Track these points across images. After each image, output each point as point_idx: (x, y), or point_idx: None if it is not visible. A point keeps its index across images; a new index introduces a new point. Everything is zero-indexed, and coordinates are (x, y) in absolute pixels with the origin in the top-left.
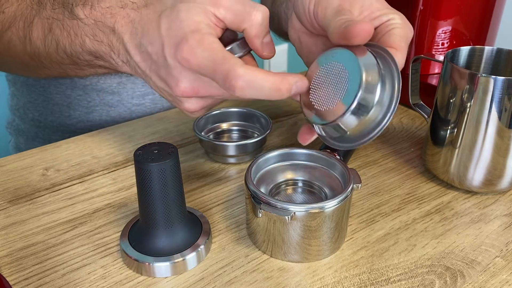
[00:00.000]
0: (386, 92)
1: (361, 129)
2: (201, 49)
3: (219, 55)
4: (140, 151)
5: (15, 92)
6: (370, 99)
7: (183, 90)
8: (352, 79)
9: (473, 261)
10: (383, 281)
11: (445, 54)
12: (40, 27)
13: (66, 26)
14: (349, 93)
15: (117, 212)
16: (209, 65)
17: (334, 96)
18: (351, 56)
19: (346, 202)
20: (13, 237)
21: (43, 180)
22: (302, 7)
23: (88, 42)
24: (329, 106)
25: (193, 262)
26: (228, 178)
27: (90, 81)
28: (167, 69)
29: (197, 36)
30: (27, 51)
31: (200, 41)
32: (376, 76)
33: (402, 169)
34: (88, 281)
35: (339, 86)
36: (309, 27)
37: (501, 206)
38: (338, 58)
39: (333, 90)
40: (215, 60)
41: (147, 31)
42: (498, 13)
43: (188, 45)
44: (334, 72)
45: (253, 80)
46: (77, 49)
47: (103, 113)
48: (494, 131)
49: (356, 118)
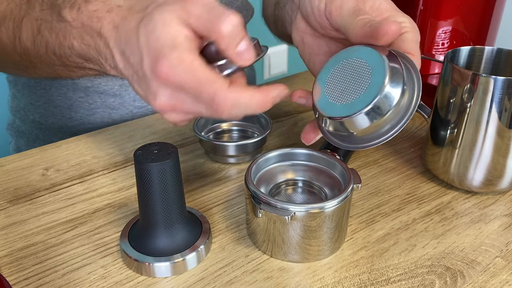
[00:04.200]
0: (406, 97)
1: (372, 131)
2: (182, 69)
3: (202, 76)
4: (140, 151)
5: (16, 94)
6: (391, 100)
7: (160, 105)
8: (375, 77)
9: (473, 261)
10: (383, 281)
11: (445, 54)
12: (30, 28)
13: (54, 28)
14: (370, 90)
15: (117, 212)
16: (194, 86)
17: (353, 92)
18: (375, 54)
19: (346, 202)
20: (13, 237)
21: (43, 180)
22: (311, 7)
23: (76, 45)
24: (347, 101)
25: (193, 262)
26: (228, 178)
27: (91, 83)
28: (146, 82)
29: (175, 54)
30: (17, 51)
31: (180, 60)
32: (400, 78)
33: (402, 169)
34: (88, 281)
35: (360, 83)
36: (317, 27)
37: (501, 206)
38: (361, 55)
39: (353, 86)
40: (199, 81)
41: (129, 40)
42: (498, 13)
43: (167, 62)
44: (355, 68)
45: (240, 101)
46: (66, 51)
47: (105, 115)
48: (494, 131)
49: (371, 117)
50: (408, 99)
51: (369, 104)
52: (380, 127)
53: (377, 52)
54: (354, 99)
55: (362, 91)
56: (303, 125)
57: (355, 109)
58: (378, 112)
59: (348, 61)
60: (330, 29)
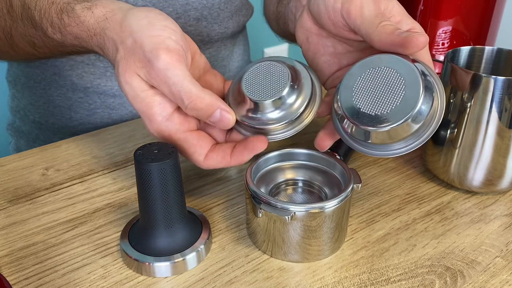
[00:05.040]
0: (435, 108)
1: (404, 138)
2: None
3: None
4: (140, 151)
5: (16, 94)
6: (424, 112)
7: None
8: (410, 89)
9: (473, 261)
10: (383, 281)
11: (445, 54)
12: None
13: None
14: (406, 103)
15: (117, 212)
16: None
17: (386, 102)
18: (407, 65)
19: (346, 202)
20: (13, 237)
21: (43, 180)
22: (324, 5)
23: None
24: (380, 111)
25: (193, 262)
26: (228, 178)
27: (91, 84)
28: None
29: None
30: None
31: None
32: (430, 91)
33: (402, 169)
34: (88, 281)
35: (393, 94)
36: (329, 26)
37: (501, 206)
38: (391, 64)
39: (386, 96)
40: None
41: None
42: (498, 13)
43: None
44: (386, 78)
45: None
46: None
47: (105, 115)
48: (494, 131)
49: (406, 126)
50: (438, 108)
51: (406, 118)
52: (409, 137)
53: (409, 63)
54: (388, 110)
55: (397, 103)
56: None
57: (391, 121)
58: (411, 124)
59: (377, 69)
60: (344, 29)
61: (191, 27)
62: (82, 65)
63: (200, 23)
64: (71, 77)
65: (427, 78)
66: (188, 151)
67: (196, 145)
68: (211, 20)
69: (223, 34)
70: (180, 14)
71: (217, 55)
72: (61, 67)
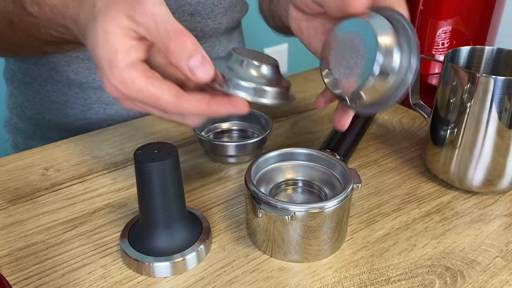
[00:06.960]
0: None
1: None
2: (125, 88)
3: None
4: (140, 151)
5: (13, 91)
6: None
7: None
8: (369, 43)
9: (473, 261)
10: (383, 281)
11: (445, 54)
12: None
13: (25, 21)
14: (370, 57)
15: (117, 212)
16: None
17: (357, 64)
18: (359, 21)
19: (346, 202)
20: (13, 237)
21: (43, 180)
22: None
23: (54, 34)
24: (354, 75)
25: (193, 262)
26: (228, 178)
27: (86, 79)
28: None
29: (117, 72)
30: None
31: (121, 79)
32: (390, 32)
33: (402, 169)
34: (88, 281)
35: (360, 53)
36: (305, 8)
37: (501, 206)
38: (348, 27)
39: (355, 58)
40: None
41: (85, 38)
42: (498, 13)
43: (108, 82)
44: (350, 42)
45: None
46: (44, 37)
47: (100, 111)
48: (494, 131)
49: (380, 81)
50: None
51: (371, 74)
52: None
53: (360, 19)
54: (359, 71)
55: (364, 59)
56: (303, 125)
57: (362, 80)
58: (385, 70)
59: (340, 37)
60: (315, 6)
61: (185, 22)
62: (77, 60)
63: (194, 18)
64: (67, 72)
65: (381, 22)
66: (155, 93)
67: (164, 88)
68: (204, 15)
69: (217, 30)
70: (174, 9)
71: (211, 50)
72: (57, 62)
